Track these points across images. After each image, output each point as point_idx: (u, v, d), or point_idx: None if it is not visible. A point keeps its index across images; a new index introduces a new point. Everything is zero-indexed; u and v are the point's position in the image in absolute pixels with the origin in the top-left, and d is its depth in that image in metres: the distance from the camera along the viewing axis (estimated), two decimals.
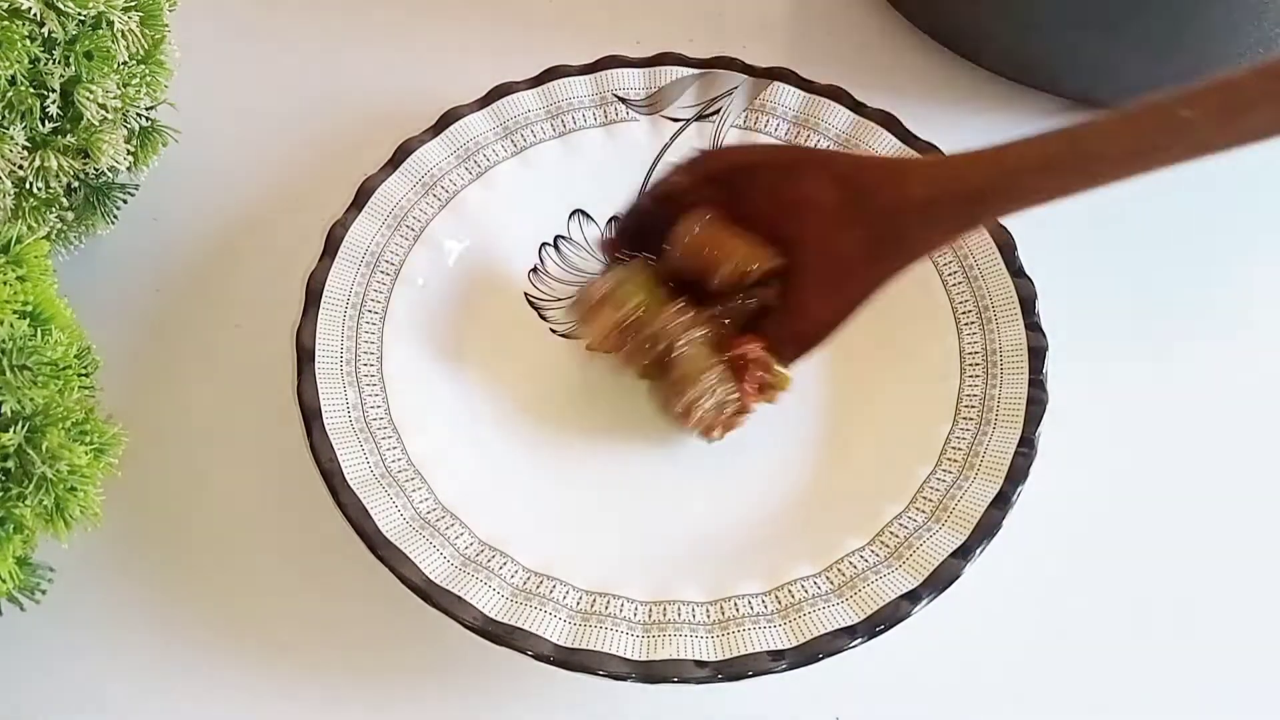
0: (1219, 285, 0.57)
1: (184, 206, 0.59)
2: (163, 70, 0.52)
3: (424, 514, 0.47)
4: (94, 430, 0.42)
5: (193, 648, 0.47)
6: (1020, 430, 0.48)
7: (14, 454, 0.40)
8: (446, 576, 0.45)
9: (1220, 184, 0.60)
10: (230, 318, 0.55)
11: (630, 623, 0.45)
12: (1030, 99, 0.62)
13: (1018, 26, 0.59)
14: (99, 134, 0.50)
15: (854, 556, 0.47)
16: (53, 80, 0.48)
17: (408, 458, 0.49)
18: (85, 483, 0.41)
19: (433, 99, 0.58)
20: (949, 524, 0.47)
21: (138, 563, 0.49)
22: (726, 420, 0.50)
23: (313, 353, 0.50)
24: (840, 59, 0.64)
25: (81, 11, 0.48)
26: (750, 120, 0.58)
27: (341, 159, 0.59)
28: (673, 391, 0.50)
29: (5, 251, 0.43)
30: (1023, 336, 0.51)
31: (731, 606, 0.46)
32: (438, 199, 0.55)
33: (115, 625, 0.48)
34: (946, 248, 0.52)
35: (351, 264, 0.53)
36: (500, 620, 0.44)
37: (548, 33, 0.66)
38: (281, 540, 0.50)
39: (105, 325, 0.51)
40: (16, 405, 0.40)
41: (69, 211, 0.52)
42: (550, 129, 0.58)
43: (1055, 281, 0.53)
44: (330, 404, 0.49)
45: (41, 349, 0.41)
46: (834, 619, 0.44)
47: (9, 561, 0.41)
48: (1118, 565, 0.49)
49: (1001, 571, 0.47)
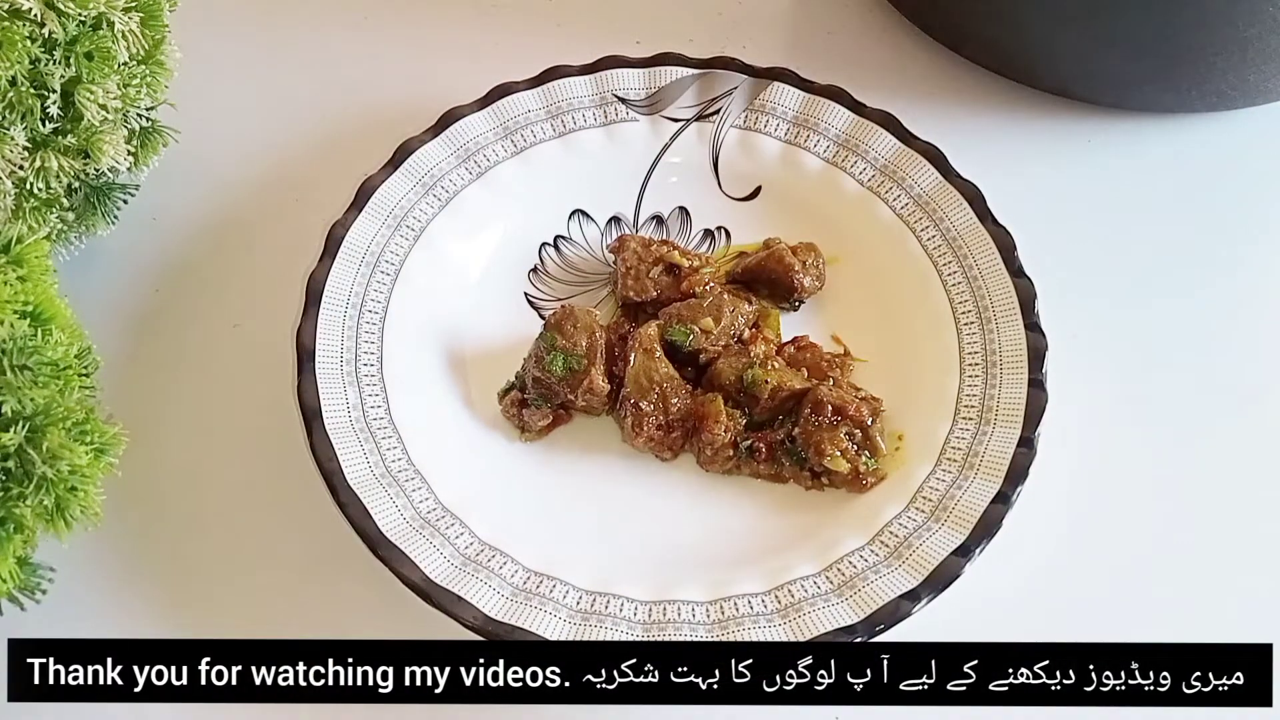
0: (1219, 285, 0.58)
1: (184, 206, 0.59)
2: (163, 70, 0.52)
3: (424, 514, 0.47)
4: (94, 430, 0.42)
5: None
6: (1020, 430, 0.48)
7: (14, 454, 0.40)
8: (447, 576, 0.45)
9: (1221, 185, 0.60)
10: (230, 318, 0.55)
11: (630, 622, 0.45)
12: (1031, 99, 0.62)
13: (1018, 27, 0.59)
14: (99, 134, 0.50)
15: (854, 556, 0.47)
16: (53, 81, 0.48)
17: (408, 458, 0.49)
18: (85, 483, 0.41)
19: (433, 99, 0.58)
20: (949, 523, 0.47)
21: (138, 562, 0.49)
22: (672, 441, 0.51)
23: (313, 353, 0.50)
24: (840, 59, 0.64)
25: (82, 12, 0.48)
26: (750, 120, 0.58)
27: (341, 159, 0.59)
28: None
29: (6, 251, 0.43)
30: (1022, 336, 0.51)
31: (731, 606, 0.46)
32: (438, 199, 0.55)
33: (115, 625, 0.48)
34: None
35: (351, 264, 0.53)
36: (500, 620, 0.44)
37: (548, 33, 0.66)
38: (281, 540, 0.50)
39: (105, 325, 0.51)
40: (17, 405, 0.40)
41: (69, 212, 0.52)
42: (550, 129, 0.58)
43: (1055, 281, 0.53)
44: (330, 404, 0.49)
45: (42, 349, 0.41)
46: (834, 618, 0.45)
47: (9, 561, 0.41)
48: (1117, 565, 0.49)
49: (1001, 571, 0.47)
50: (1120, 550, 0.50)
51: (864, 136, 0.57)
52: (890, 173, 0.56)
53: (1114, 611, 0.48)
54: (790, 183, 0.57)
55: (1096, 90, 0.61)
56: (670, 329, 0.52)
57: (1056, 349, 0.50)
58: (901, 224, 0.55)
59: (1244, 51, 0.56)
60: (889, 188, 0.56)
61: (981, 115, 0.62)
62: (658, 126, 0.59)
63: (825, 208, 0.57)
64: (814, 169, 0.57)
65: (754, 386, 0.50)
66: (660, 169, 0.58)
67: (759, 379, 0.51)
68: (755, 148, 0.58)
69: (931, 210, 0.55)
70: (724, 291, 0.54)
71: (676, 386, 0.51)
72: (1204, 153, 0.61)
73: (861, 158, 0.57)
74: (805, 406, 0.50)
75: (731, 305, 0.53)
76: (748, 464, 0.50)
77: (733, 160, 0.58)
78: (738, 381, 0.51)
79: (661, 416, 0.50)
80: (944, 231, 0.54)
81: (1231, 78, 0.57)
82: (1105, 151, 0.61)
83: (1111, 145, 0.61)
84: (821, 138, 0.57)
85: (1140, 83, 0.60)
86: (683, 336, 0.52)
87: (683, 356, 0.52)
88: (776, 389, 0.50)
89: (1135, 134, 0.62)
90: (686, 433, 0.50)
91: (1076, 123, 0.62)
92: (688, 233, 0.58)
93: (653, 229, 0.58)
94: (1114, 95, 0.61)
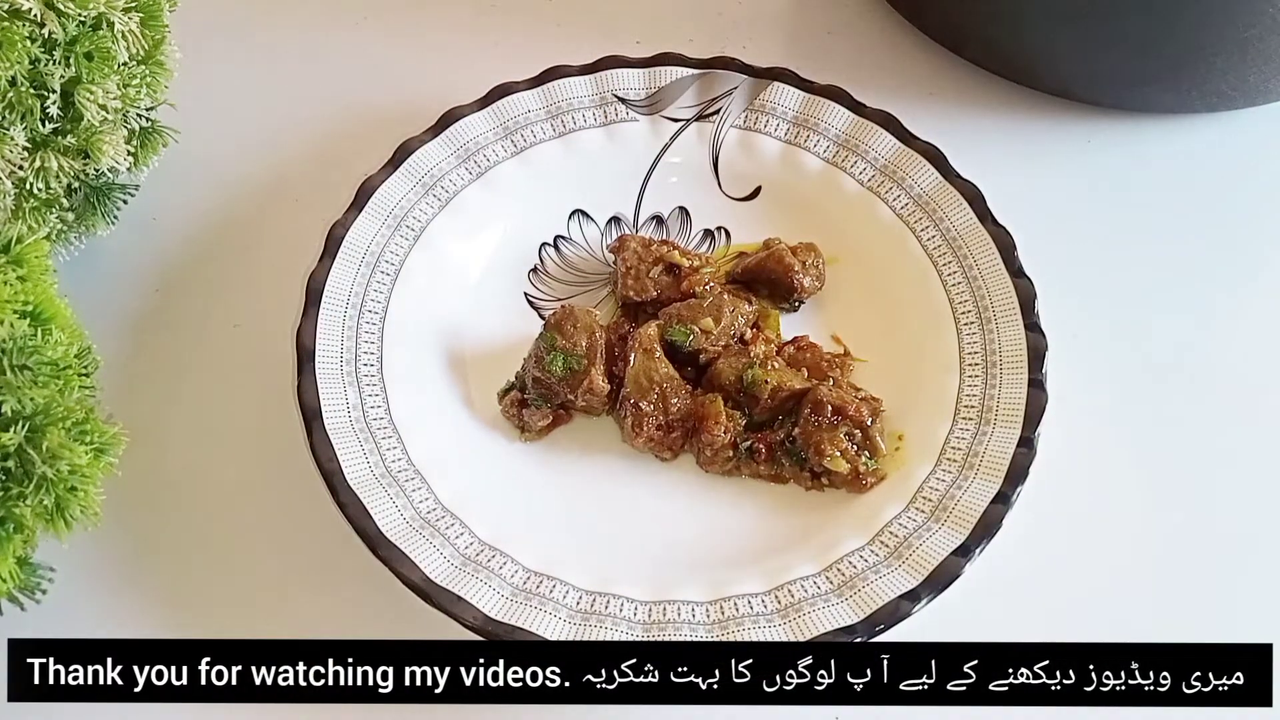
0: (1220, 285, 0.57)
1: (184, 206, 0.59)
2: (163, 71, 0.52)
3: (424, 514, 0.47)
4: (94, 430, 0.42)
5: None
6: (1020, 430, 0.48)
7: (14, 454, 0.40)
8: (447, 576, 0.45)
9: (1221, 185, 0.60)
10: (230, 318, 0.55)
11: (630, 622, 0.45)
12: (1031, 100, 0.62)
13: (1018, 27, 0.59)
14: (99, 134, 0.50)
15: (854, 556, 0.47)
16: (53, 81, 0.48)
17: (408, 458, 0.49)
18: (85, 483, 0.41)
19: (433, 99, 0.58)
20: (949, 523, 0.47)
21: (138, 563, 0.49)
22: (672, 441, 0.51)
23: (313, 353, 0.50)
24: (840, 59, 0.64)
25: (82, 12, 0.48)
26: (750, 120, 0.58)
27: (341, 159, 0.59)
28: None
29: (6, 251, 0.43)
30: (1022, 336, 0.51)
31: (731, 606, 0.46)
32: (438, 199, 0.55)
33: (115, 625, 0.48)
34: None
35: (351, 264, 0.53)
36: (500, 620, 0.44)
37: (548, 33, 0.66)
38: (281, 540, 0.50)
39: (105, 325, 0.51)
40: (17, 405, 0.40)
41: (69, 212, 0.52)
42: (550, 129, 0.58)
43: (1055, 281, 0.53)
44: (330, 404, 0.49)
45: (42, 349, 0.41)
46: (834, 618, 0.45)
47: (9, 561, 0.41)
48: (1117, 565, 0.49)
49: (1001, 571, 0.47)
50: (1120, 550, 0.50)
51: (864, 136, 0.57)
52: (890, 173, 0.56)
53: (1114, 611, 0.48)
54: (790, 183, 0.57)
55: (1097, 91, 0.61)
56: (670, 329, 0.52)
57: (1056, 349, 0.50)
58: (901, 224, 0.55)
59: (1244, 52, 0.56)
60: (889, 188, 0.56)
61: (981, 115, 0.62)
62: (658, 126, 0.59)
63: (825, 208, 0.57)
64: (814, 169, 0.57)
65: (754, 387, 0.50)
66: (660, 169, 0.58)
67: (759, 379, 0.51)
68: (755, 148, 0.58)
69: (931, 210, 0.55)
70: (724, 291, 0.54)
71: (676, 386, 0.51)
72: (1204, 153, 0.61)
73: (861, 158, 0.57)
74: (805, 407, 0.50)
75: (731, 305, 0.53)
76: (747, 464, 0.50)
77: (733, 160, 0.58)
78: (738, 382, 0.51)
79: (661, 416, 0.50)
80: (944, 231, 0.54)
81: (1232, 78, 0.58)
82: (1105, 151, 0.61)
83: (1111, 145, 0.61)
84: (821, 138, 0.57)
85: (1141, 83, 0.60)
86: (683, 336, 0.52)
87: (683, 356, 0.52)
88: (776, 389, 0.50)
89: (1135, 134, 0.62)
90: (686, 433, 0.50)
91: (1076, 123, 0.62)
92: (688, 233, 0.58)
93: (653, 229, 0.58)
94: (1114, 96, 0.61)
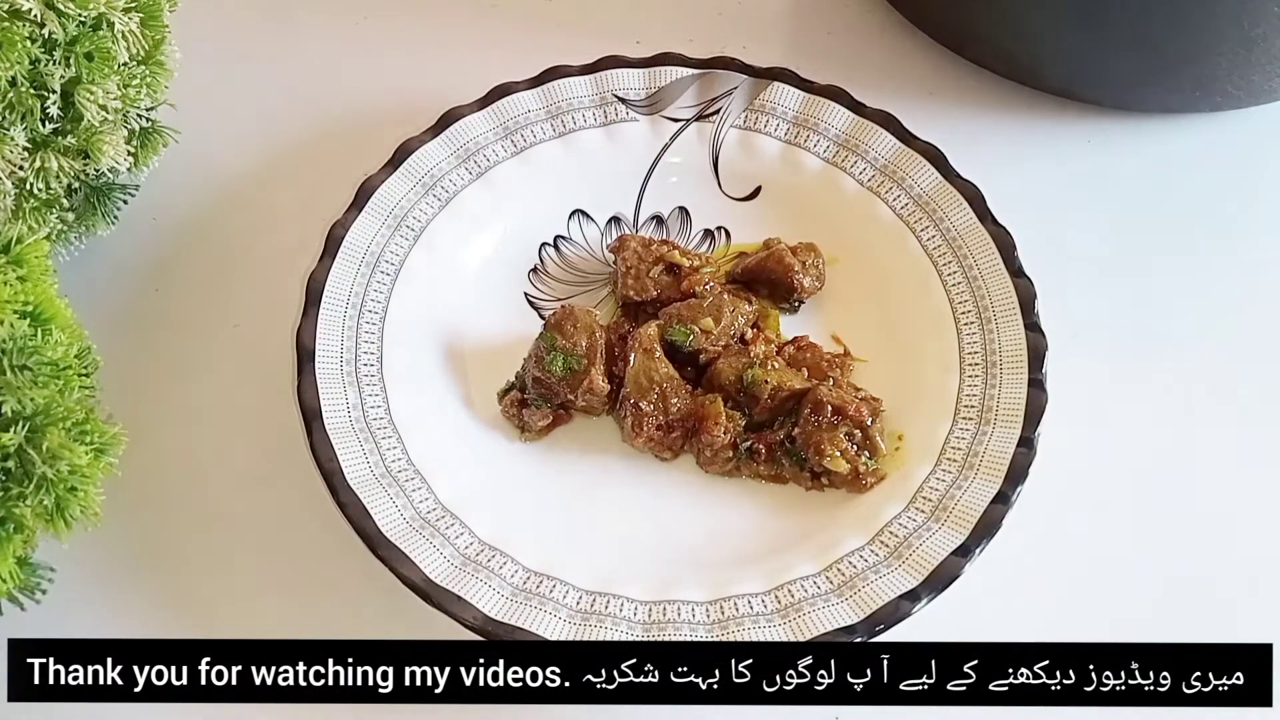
0: (1221, 285, 0.57)
1: (184, 206, 0.59)
2: (163, 71, 0.52)
3: (424, 514, 0.47)
4: (94, 430, 0.42)
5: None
6: (1020, 430, 0.48)
7: (14, 454, 0.40)
8: (447, 576, 0.45)
9: (1223, 185, 0.60)
10: (230, 317, 0.55)
11: (630, 622, 0.45)
12: (1032, 100, 0.62)
13: (1019, 27, 0.59)
14: (99, 135, 0.50)
15: (854, 556, 0.47)
16: (53, 81, 0.48)
17: (408, 458, 0.49)
18: (85, 483, 0.41)
19: (433, 99, 0.58)
20: (949, 523, 0.47)
21: (138, 563, 0.49)
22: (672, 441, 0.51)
23: (313, 353, 0.50)
24: (840, 59, 0.64)
25: (82, 13, 0.48)
26: (750, 120, 0.58)
27: (341, 159, 0.59)
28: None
29: (6, 251, 0.43)
30: (1022, 336, 0.51)
31: (731, 606, 0.46)
32: (438, 199, 0.55)
33: (115, 625, 0.48)
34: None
35: (351, 264, 0.53)
36: (500, 620, 0.44)
37: (548, 33, 0.66)
38: (281, 540, 0.50)
39: (105, 325, 0.51)
40: (17, 405, 0.40)
41: (69, 212, 0.52)
42: (550, 129, 0.58)
43: (1055, 281, 0.53)
44: (330, 404, 0.49)
45: (42, 349, 0.41)
46: (834, 618, 0.44)
47: (9, 561, 0.41)
48: (1118, 565, 0.49)
49: (1001, 571, 0.47)
50: (1120, 550, 0.50)
51: (864, 136, 0.57)
52: (890, 173, 0.56)
53: (1114, 611, 0.48)
54: (790, 183, 0.57)
55: (1099, 91, 0.61)
56: (670, 329, 0.52)
57: (1056, 349, 0.50)
58: (901, 224, 0.55)
59: (1249, 51, 0.55)
60: (889, 188, 0.56)
61: (981, 115, 0.62)
62: (658, 126, 0.58)
63: (825, 208, 0.57)
64: (814, 169, 0.57)
65: (754, 387, 0.50)
66: (660, 169, 0.58)
67: (759, 379, 0.51)
68: (755, 148, 0.58)
69: (931, 210, 0.55)
70: (724, 291, 0.54)
71: (676, 386, 0.51)
72: (1206, 153, 0.61)
73: (861, 158, 0.57)
74: (805, 407, 0.50)
75: (731, 305, 0.53)
76: (747, 465, 0.50)
77: (733, 160, 0.58)
78: (738, 382, 0.51)
79: (661, 417, 0.50)
80: (944, 231, 0.54)
81: (1236, 77, 0.57)
82: (1105, 151, 0.61)
83: (1112, 145, 0.61)
84: (821, 138, 0.57)
85: (1143, 83, 0.59)
86: (683, 336, 0.52)
87: (683, 356, 0.52)
88: (776, 389, 0.50)
89: (1136, 134, 0.62)
90: (686, 433, 0.50)
91: (1077, 123, 0.62)
92: (688, 233, 0.58)
93: (653, 229, 0.58)
94: (1117, 96, 0.61)
